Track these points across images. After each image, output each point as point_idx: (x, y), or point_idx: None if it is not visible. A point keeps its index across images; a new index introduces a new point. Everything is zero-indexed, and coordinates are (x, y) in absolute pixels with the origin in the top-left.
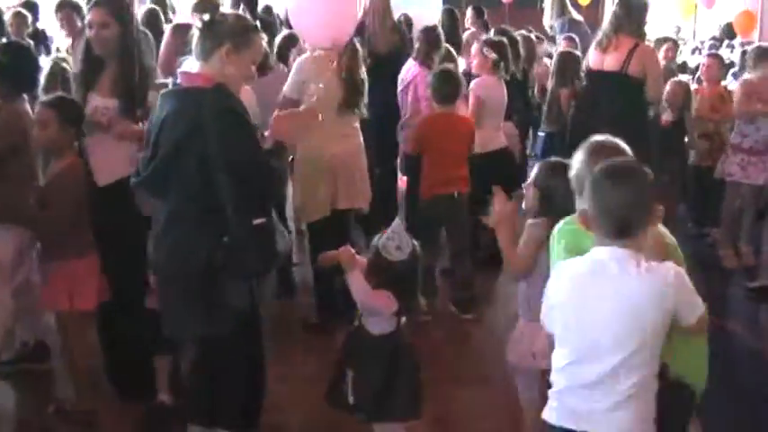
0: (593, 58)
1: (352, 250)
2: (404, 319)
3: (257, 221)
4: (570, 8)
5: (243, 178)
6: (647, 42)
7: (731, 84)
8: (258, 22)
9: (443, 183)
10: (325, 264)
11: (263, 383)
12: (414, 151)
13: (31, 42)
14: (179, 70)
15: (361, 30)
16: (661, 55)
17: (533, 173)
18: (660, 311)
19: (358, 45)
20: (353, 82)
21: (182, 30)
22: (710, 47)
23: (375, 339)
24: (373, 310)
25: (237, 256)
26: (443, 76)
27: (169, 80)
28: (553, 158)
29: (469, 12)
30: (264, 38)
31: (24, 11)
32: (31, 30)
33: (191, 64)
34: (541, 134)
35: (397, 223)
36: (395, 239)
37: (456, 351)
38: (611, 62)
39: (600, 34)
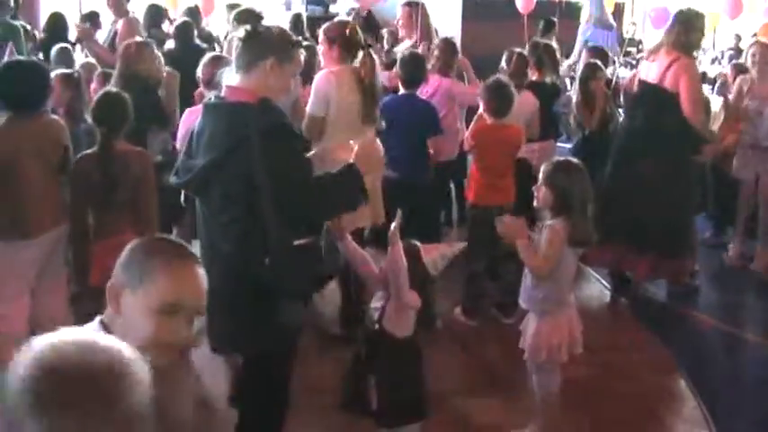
0: (642, 67)
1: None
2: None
3: (299, 242)
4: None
5: (290, 196)
6: (694, 57)
7: None
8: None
9: (490, 193)
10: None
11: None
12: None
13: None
14: (223, 83)
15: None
16: None
17: (544, 172)
18: None
19: (374, 54)
20: (372, 94)
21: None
22: (730, 57)
23: (399, 342)
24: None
25: (279, 276)
26: (496, 89)
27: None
28: (564, 158)
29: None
30: (303, 53)
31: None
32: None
33: (231, 76)
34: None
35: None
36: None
37: (470, 361)
38: (652, 73)
39: (654, 45)
